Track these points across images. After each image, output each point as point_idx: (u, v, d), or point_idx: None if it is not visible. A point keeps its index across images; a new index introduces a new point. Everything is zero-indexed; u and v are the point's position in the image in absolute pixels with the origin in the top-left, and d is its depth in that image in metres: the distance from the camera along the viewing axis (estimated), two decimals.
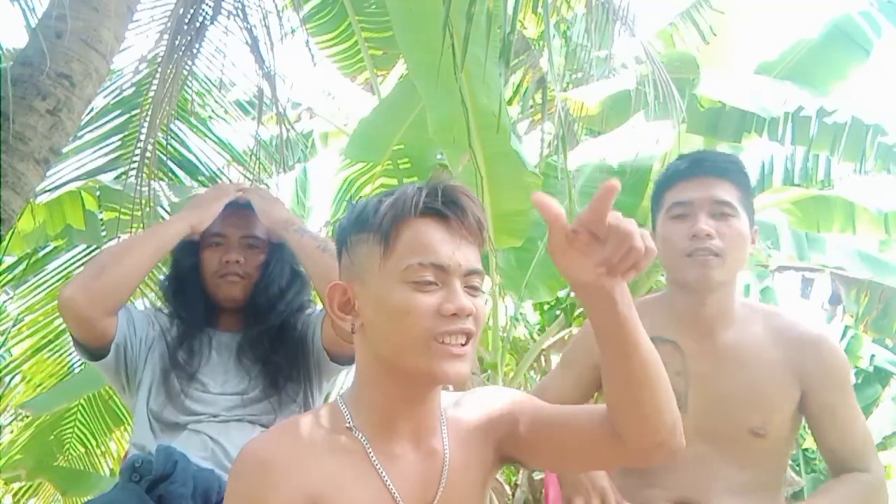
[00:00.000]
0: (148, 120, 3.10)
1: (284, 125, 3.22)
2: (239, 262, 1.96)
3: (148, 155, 3.03)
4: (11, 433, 5.15)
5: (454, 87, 2.82)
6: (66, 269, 4.11)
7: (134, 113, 3.81)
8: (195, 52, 3.00)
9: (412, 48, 3.18)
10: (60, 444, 5.09)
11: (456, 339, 1.10)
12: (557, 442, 1.17)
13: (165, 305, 2.05)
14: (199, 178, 3.99)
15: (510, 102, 5.81)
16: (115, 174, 3.88)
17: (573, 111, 4.90)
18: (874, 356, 7.88)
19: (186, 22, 2.80)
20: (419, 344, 1.10)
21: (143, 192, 2.96)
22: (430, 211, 1.13)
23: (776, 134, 4.48)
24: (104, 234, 3.82)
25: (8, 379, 4.89)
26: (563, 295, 5.36)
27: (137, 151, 3.31)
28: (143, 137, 3.28)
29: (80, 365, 4.51)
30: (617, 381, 1.07)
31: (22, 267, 4.11)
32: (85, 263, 3.74)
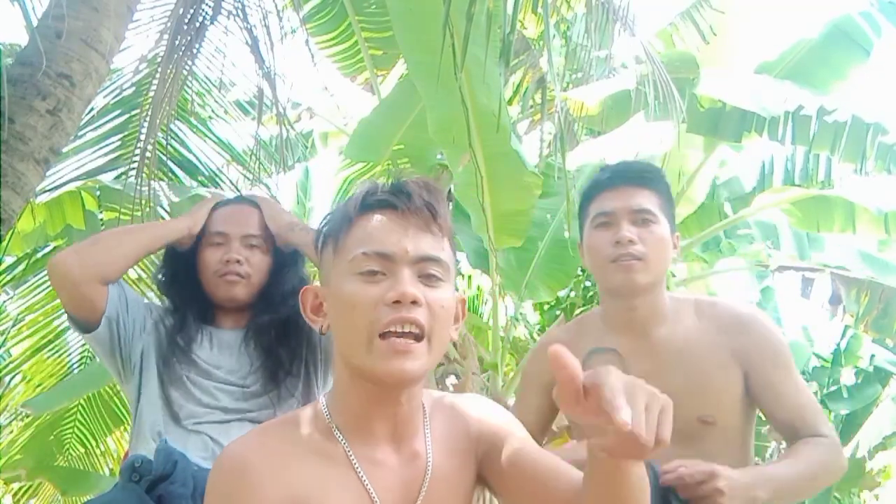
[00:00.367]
0: (148, 120, 3.10)
1: (284, 125, 3.23)
2: (240, 261, 1.96)
3: (148, 155, 3.03)
4: (11, 433, 5.15)
5: (454, 87, 2.82)
6: None
7: (134, 113, 3.81)
8: (195, 52, 3.00)
9: (412, 48, 3.18)
10: (60, 444, 5.09)
11: (402, 328, 1.05)
12: (528, 492, 1.13)
13: (162, 300, 2.06)
14: (199, 178, 3.99)
15: (510, 102, 5.81)
16: (115, 174, 3.88)
17: (573, 111, 4.89)
18: (874, 356, 7.88)
19: (186, 22, 2.80)
20: (363, 341, 1.06)
21: (143, 192, 2.96)
22: (378, 203, 1.11)
23: (776, 133, 4.48)
24: None
25: (8, 379, 4.90)
26: (563, 295, 5.36)
27: (137, 151, 3.31)
28: (143, 137, 3.28)
29: (79, 365, 4.52)
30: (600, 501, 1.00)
31: (22, 267, 4.11)
32: None
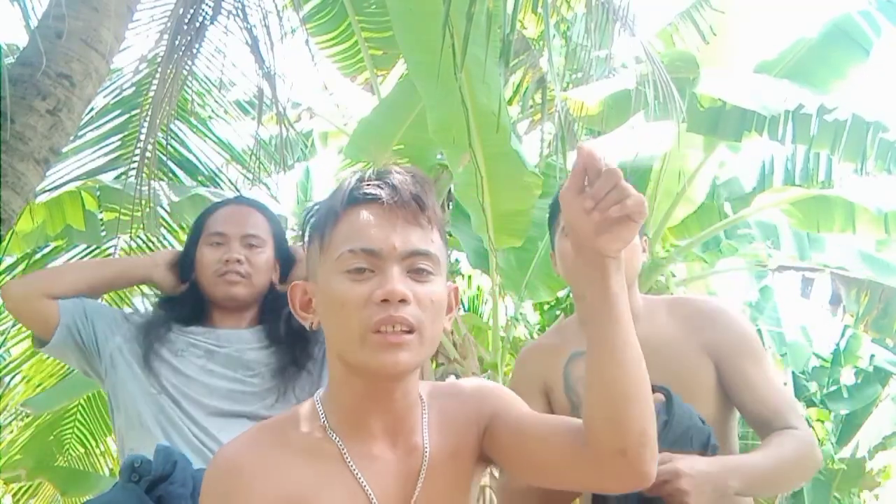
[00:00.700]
0: (148, 120, 3.09)
1: (284, 125, 3.22)
2: (240, 261, 1.94)
3: (148, 155, 3.03)
4: (11, 433, 5.15)
5: (454, 87, 2.82)
6: None
7: (134, 113, 3.82)
8: (195, 52, 3.00)
9: (412, 48, 3.18)
10: (60, 444, 5.10)
11: (392, 328, 1.03)
12: (531, 454, 1.13)
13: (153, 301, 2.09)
14: (198, 177, 3.99)
15: (510, 102, 5.80)
16: (115, 174, 3.88)
17: (573, 111, 4.89)
18: (874, 356, 7.89)
19: (186, 22, 2.80)
20: (356, 337, 1.04)
21: (143, 192, 2.96)
22: (364, 197, 1.08)
23: (776, 133, 4.47)
24: (104, 234, 3.82)
25: (8, 379, 4.89)
26: (563, 295, 5.37)
27: (137, 151, 3.32)
28: (143, 137, 3.29)
29: None
30: (597, 362, 1.04)
31: (22, 267, 4.10)
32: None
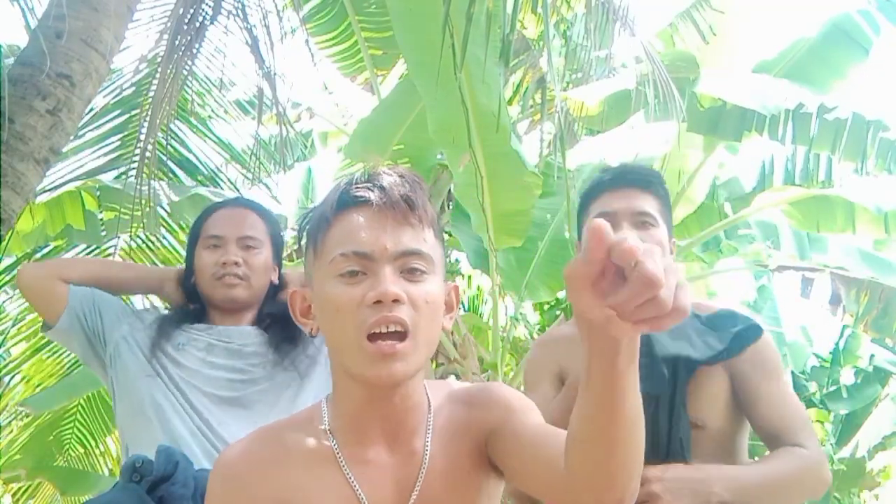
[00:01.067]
0: (148, 120, 3.10)
1: (284, 125, 3.22)
2: (237, 263, 1.95)
3: (148, 155, 3.03)
4: (11, 433, 5.15)
5: (454, 87, 2.82)
6: None
7: (134, 113, 3.82)
8: (195, 52, 3.00)
9: (412, 48, 3.18)
10: (60, 444, 5.10)
11: (387, 328, 1.02)
12: (522, 462, 1.09)
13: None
14: (198, 177, 3.99)
15: (510, 102, 5.81)
16: (115, 174, 3.88)
17: (573, 111, 4.89)
18: (874, 356, 7.90)
19: (186, 22, 2.80)
20: (352, 344, 1.04)
21: (143, 191, 2.96)
22: (353, 200, 1.08)
23: (776, 132, 4.47)
24: (104, 234, 3.82)
25: (7, 379, 4.90)
26: (563, 295, 5.36)
27: (137, 151, 3.32)
28: (143, 137, 3.29)
29: (78, 365, 4.51)
30: (589, 431, 0.92)
31: None
32: None
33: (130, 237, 3.90)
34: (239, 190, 4.21)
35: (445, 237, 1.17)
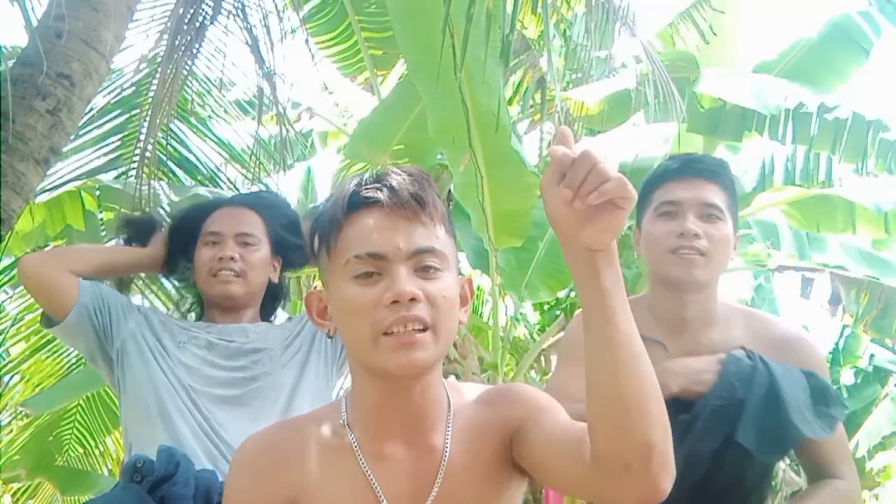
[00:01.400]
0: (148, 120, 3.10)
1: (284, 125, 3.22)
2: (234, 258, 1.96)
3: (148, 155, 3.03)
4: (11, 433, 5.15)
5: (454, 87, 2.82)
6: None
7: (134, 113, 3.81)
8: (195, 52, 3.00)
9: (412, 48, 3.18)
10: (59, 444, 5.09)
11: (405, 327, 1.04)
12: (550, 461, 1.09)
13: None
14: (198, 177, 3.98)
15: (510, 102, 5.80)
16: (115, 174, 3.87)
17: (573, 111, 4.89)
18: (873, 356, 7.91)
19: (186, 22, 2.80)
20: (368, 341, 1.05)
21: (143, 191, 2.96)
22: (363, 202, 1.09)
23: (777, 132, 4.47)
24: (104, 234, 3.82)
25: (7, 379, 4.89)
26: (563, 295, 5.36)
27: (137, 151, 3.31)
28: (143, 137, 3.28)
29: (78, 365, 4.51)
30: (592, 367, 0.97)
31: None
32: None
33: None
34: (239, 190, 4.21)
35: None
